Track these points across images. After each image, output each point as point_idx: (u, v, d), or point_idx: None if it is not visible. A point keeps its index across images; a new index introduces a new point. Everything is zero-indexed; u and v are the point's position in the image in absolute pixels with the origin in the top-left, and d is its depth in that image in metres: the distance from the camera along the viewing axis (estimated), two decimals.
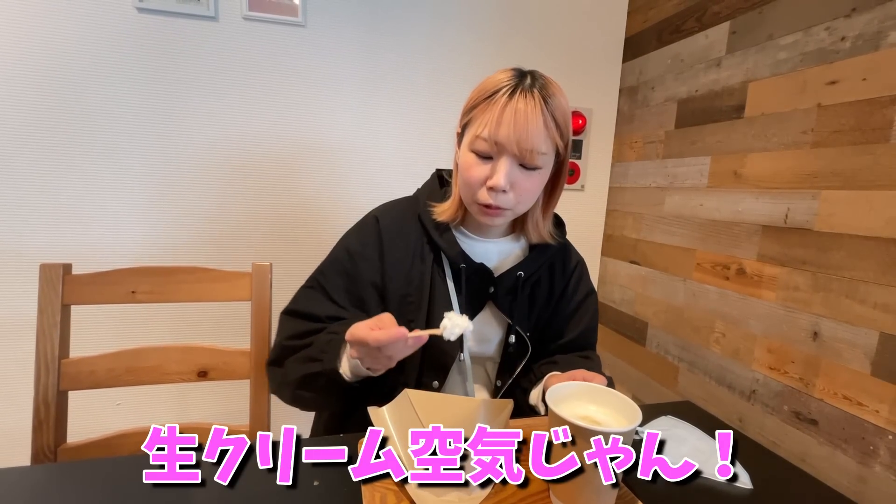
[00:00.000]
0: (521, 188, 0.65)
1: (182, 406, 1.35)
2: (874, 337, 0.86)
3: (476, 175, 0.65)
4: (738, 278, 1.14)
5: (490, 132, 0.62)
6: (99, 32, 1.17)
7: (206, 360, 0.83)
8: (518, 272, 0.73)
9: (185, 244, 1.29)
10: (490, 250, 0.76)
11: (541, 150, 0.63)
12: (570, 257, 0.82)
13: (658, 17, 1.43)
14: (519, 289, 0.74)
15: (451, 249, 0.71)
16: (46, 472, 0.59)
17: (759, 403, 1.08)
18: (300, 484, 0.52)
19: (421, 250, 0.74)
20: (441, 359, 0.72)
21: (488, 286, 0.73)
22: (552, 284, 0.79)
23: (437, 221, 0.72)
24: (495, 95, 0.63)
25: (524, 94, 0.62)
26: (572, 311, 0.80)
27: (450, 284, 0.73)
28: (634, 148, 1.53)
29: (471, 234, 0.76)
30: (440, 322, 0.68)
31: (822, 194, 0.95)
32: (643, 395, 1.48)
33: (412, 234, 0.74)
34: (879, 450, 0.85)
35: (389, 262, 0.72)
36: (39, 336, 0.76)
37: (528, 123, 0.61)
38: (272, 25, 1.28)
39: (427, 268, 0.73)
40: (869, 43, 0.88)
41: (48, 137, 1.17)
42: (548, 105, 0.63)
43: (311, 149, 1.35)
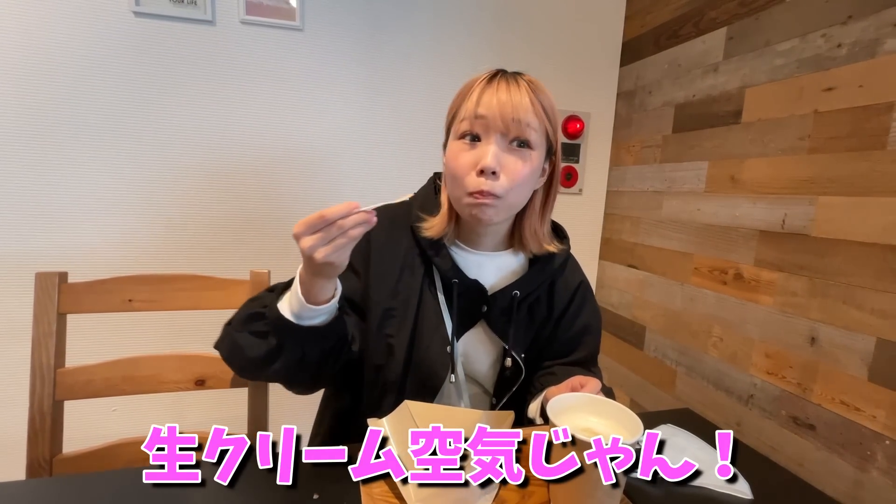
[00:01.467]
0: (512, 171, 0.61)
1: (179, 415, 1.34)
2: (871, 343, 0.86)
3: (463, 162, 0.61)
4: (736, 283, 1.14)
5: (471, 109, 0.60)
6: (95, 36, 1.16)
7: (204, 368, 0.83)
8: (514, 291, 0.68)
9: (183, 251, 1.29)
10: (486, 265, 0.71)
11: (527, 122, 0.60)
12: (573, 276, 0.77)
13: (655, 21, 1.44)
14: (514, 309, 0.69)
15: (443, 263, 0.67)
16: (43, 486, 0.59)
17: (757, 408, 1.08)
18: (299, 495, 0.52)
19: (411, 261, 0.69)
20: (429, 381, 0.68)
21: (481, 305, 0.69)
22: (551, 304, 0.74)
23: (427, 237, 0.68)
24: (474, 84, 0.62)
25: (505, 79, 0.61)
26: (576, 335, 0.75)
27: (441, 299, 0.69)
28: (632, 152, 1.54)
29: (465, 246, 0.71)
30: (426, 341, 0.66)
31: (819, 200, 0.96)
32: (641, 399, 1.48)
33: (403, 244, 0.70)
34: (877, 455, 0.85)
35: (375, 274, 0.68)
36: (35, 345, 0.75)
37: (510, 97, 0.59)
38: (269, 29, 1.27)
39: (417, 281, 0.68)
40: (865, 50, 0.88)
41: (43, 143, 1.16)
42: (533, 91, 0.62)
43: (309, 153, 1.35)
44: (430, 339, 0.67)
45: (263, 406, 0.83)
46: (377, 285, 0.68)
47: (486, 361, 0.72)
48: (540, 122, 0.62)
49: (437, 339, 0.68)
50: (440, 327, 0.68)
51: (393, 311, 0.68)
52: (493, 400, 0.74)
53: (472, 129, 0.61)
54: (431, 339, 0.67)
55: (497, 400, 0.74)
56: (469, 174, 0.61)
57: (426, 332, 0.67)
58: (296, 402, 1.43)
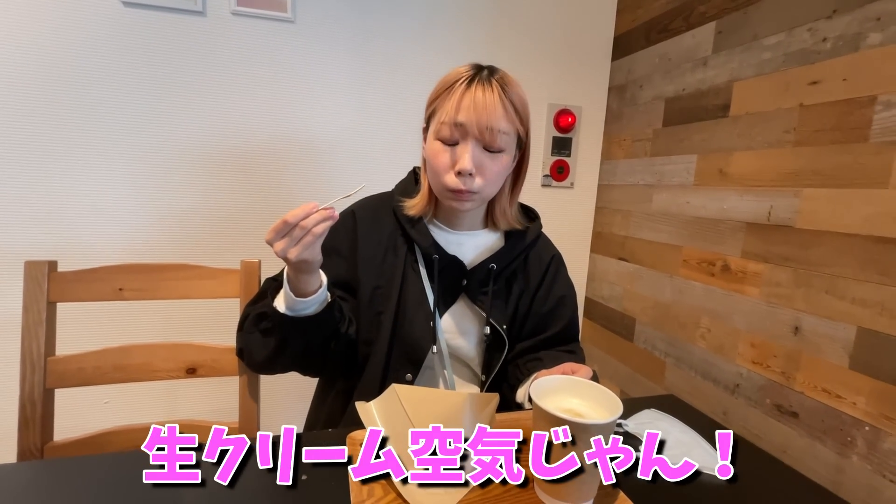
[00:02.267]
0: (487, 170, 0.68)
1: (171, 404, 1.34)
2: (852, 331, 0.88)
3: (442, 161, 0.68)
4: (724, 275, 1.16)
5: (451, 117, 0.66)
6: (84, 26, 1.15)
7: (195, 357, 0.83)
8: (490, 264, 0.74)
9: (173, 241, 1.29)
10: (464, 243, 0.77)
11: (501, 129, 0.66)
12: (545, 250, 0.83)
13: (646, 16, 1.45)
14: (492, 281, 0.75)
15: (423, 241, 0.73)
16: (34, 469, 0.59)
17: (743, 397, 1.10)
18: (299, 495, 0.52)
19: (394, 243, 0.76)
20: (413, 353, 0.73)
21: (461, 279, 0.75)
22: (528, 277, 0.80)
23: (408, 215, 0.74)
24: (454, 86, 0.67)
25: (482, 83, 0.66)
26: (553, 306, 0.81)
27: (423, 276, 0.75)
28: (623, 146, 1.55)
29: (444, 226, 0.78)
30: (409, 315, 0.72)
31: (804, 192, 0.98)
32: (630, 389, 1.50)
33: (387, 228, 0.76)
34: (857, 441, 0.87)
35: (362, 256, 0.74)
36: (25, 334, 0.76)
37: (486, 106, 0.65)
38: (261, 21, 1.27)
39: (400, 260, 0.75)
40: (849, 44, 0.90)
41: (31, 133, 1.15)
42: (505, 92, 0.67)
43: (300, 144, 1.35)
44: (415, 313, 0.73)
45: (255, 394, 0.83)
46: (365, 267, 0.74)
47: (471, 338, 0.77)
48: (511, 125, 0.68)
49: (421, 314, 0.73)
50: (423, 303, 0.74)
51: (380, 289, 0.74)
52: (483, 377, 0.78)
53: (451, 137, 0.67)
54: (415, 314, 0.73)
55: (486, 377, 0.78)
56: (448, 173, 0.68)
57: (410, 307, 0.73)
58: (287, 390, 1.44)
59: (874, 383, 0.84)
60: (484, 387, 0.78)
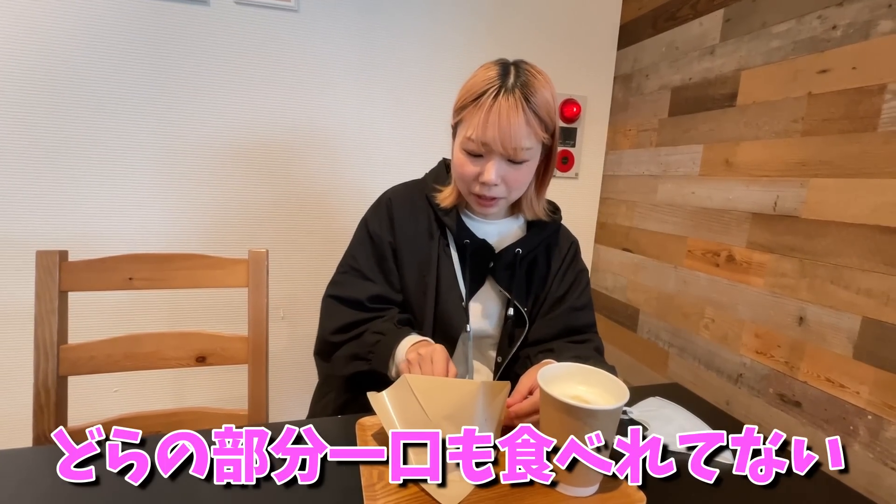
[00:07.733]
0: (512, 180, 0.72)
1: (180, 391, 1.36)
2: (857, 321, 0.88)
3: (469, 171, 0.72)
4: (728, 265, 1.16)
5: (477, 135, 0.68)
6: (87, 16, 1.15)
7: (204, 345, 0.84)
8: (516, 249, 0.78)
9: (182, 231, 1.29)
10: (490, 231, 0.81)
11: (525, 146, 0.69)
12: (565, 238, 0.88)
13: (653, 4, 1.43)
14: (517, 265, 0.79)
15: (456, 227, 0.78)
16: (49, 453, 0.60)
17: (746, 387, 1.11)
18: (321, 493, 0.52)
19: (429, 228, 0.80)
20: (450, 330, 0.77)
21: (488, 261, 0.79)
22: (549, 263, 0.84)
23: (440, 204, 0.79)
24: (480, 99, 0.68)
25: (507, 96, 0.67)
26: (571, 281, 0.84)
27: (455, 260, 0.79)
28: (628, 136, 1.54)
29: (472, 215, 0.82)
30: (444, 296, 0.78)
31: (811, 182, 0.97)
32: (634, 379, 1.51)
33: (421, 214, 0.81)
34: (859, 429, 0.88)
35: (401, 240, 0.80)
36: (37, 322, 0.77)
37: (510, 126, 0.66)
38: (264, 10, 1.26)
39: (435, 244, 0.79)
40: (859, 32, 0.89)
41: (40, 125, 1.16)
42: (529, 104, 0.68)
43: (305, 134, 1.35)
44: (448, 296, 0.78)
45: (263, 382, 0.85)
46: (405, 249, 0.80)
47: (493, 320, 0.82)
48: (535, 138, 0.70)
49: (454, 296, 0.78)
50: (455, 286, 0.79)
51: (422, 270, 0.80)
52: (499, 359, 0.82)
53: (477, 151, 0.70)
54: (449, 295, 0.78)
55: (502, 359, 0.81)
56: (474, 182, 0.72)
57: (444, 289, 0.78)
58: (294, 377, 1.45)
59: (878, 373, 0.85)
60: (500, 369, 0.81)
